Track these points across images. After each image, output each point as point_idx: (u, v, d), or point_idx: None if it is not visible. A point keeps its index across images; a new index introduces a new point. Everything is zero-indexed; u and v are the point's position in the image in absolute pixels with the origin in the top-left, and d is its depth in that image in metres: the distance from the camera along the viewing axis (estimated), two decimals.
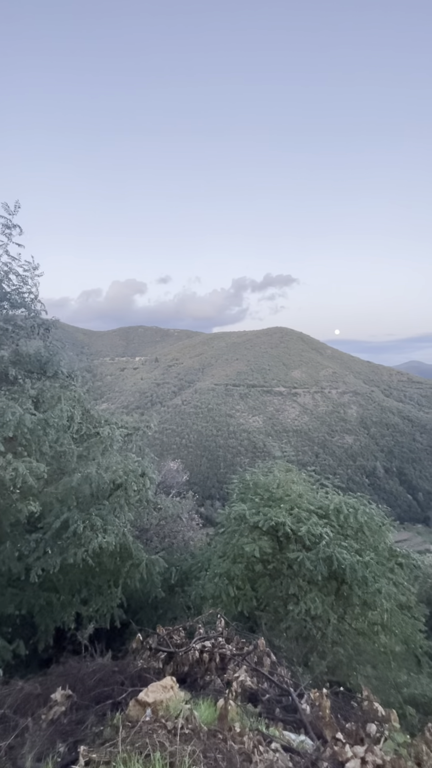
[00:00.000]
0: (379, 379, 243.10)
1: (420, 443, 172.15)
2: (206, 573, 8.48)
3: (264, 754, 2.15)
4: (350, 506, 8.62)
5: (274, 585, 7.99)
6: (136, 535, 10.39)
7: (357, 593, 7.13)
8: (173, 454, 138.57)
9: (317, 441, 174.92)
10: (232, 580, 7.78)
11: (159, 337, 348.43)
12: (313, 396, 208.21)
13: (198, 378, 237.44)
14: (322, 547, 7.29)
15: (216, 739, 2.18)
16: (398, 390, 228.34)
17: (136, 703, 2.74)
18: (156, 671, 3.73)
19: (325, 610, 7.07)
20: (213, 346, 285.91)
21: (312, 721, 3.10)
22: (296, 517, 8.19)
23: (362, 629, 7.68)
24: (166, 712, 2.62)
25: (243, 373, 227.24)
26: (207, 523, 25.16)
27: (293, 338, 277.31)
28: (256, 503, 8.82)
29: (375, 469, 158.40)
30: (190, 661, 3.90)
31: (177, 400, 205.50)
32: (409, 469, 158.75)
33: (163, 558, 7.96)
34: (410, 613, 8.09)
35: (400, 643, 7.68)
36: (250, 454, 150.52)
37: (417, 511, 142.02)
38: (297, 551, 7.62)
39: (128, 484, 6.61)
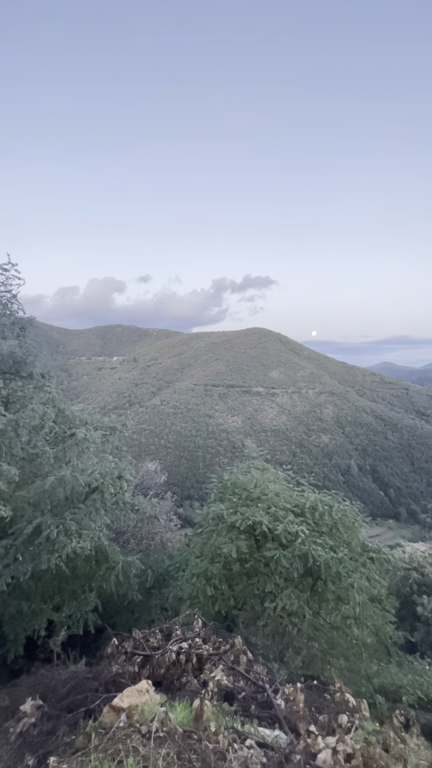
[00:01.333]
0: (354, 379, 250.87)
1: (391, 442, 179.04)
2: (184, 574, 8.44)
3: (239, 751, 2.17)
4: (325, 504, 8.84)
5: (251, 583, 8.07)
6: (112, 538, 10.19)
7: (331, 588, 7.32)
8: (152, 455, 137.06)
9: (295, 440, 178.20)
10: (210, 580, 7.79)
11: (137, 337, 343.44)
12: (290, 396, 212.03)
13: (177, 378, 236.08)
14: (298, 545, 7.43)
15: (191, 740, 2.18)
16: (371, 390, 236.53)
17: (111, 709, 2.69)
18: (132, 675, 3.68)
19: (301, 606, 7.22)
20: (192, 346, 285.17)
21: (286, 715, 3.16)
22: (273, 515, 8.31)
23: (336, 623, 7.89)
24: (141, 716, 2.59)
25: (222, 374, 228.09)
26: (185, 523, 25.08)
27: (272, 339, 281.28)
28: (234, 503, 8.88)
29: (350, 467, 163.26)
30: (167, 663, 3.87)
31: (156, 401, 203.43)
32: (381, 467, 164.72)
33: (140, 560, 7.85)
34: (381, 606, 8.39)
35: (372, 635, 7.95)
36: (229, 454, 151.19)
37: (388, 507, 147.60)
38: (274, 549, 7.73)
39: (105, 487, 6.47)
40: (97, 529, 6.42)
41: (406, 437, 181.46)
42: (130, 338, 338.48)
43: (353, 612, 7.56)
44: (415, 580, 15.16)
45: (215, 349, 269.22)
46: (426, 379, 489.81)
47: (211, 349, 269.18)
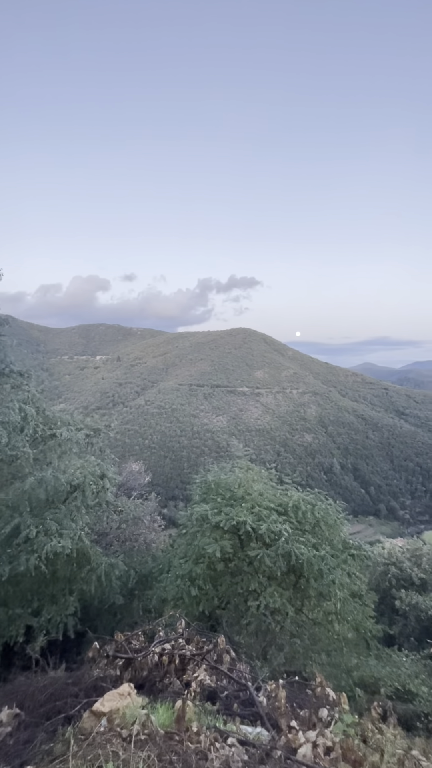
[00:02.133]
0: (336, 379, 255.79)
1: (372, 440, 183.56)
2: (167, 575, 8.39)
3: (220, 750, 2.17)
4: (308, 503, 8.97)
5: (234, 582, 8.10)
6: (94, 539, 10.01)
7: (313, 585, 7.44)
8: (136, 455, 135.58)
9: (279, 440, 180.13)
10: (194, 581, 7.77)
11: (121, 336, 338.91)
12: (275, 396, 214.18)
13: (162, 378, 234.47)
14: (281, 544, 7.51)
15: (172, 742, 2.17)
16: (353, 390, 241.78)
17: (91, 714, 2.65)
18: (113, 679, 3.63)
19: (284, 603, 7.30)
20: (177, 345, 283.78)
21: (268, 712, 3.19)
22: (257, 515, 8.37)
23: (318, 619, 8.03)
24: (123, 720, 2.56)
25: (207, 373, 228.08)
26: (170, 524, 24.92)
27: (256, 339, 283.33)
28: (218, 503, 8.89)
29: (332, 465, 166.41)
30: (149, 665, 3.84)
31: (140, 401, 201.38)
32: (362, 465, 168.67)
33: (123, 562, 7.76)
34: (361, 601, 8.59)
35: (352, 630, 8.13)
36: (214, 454, 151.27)
37: (369, 504, 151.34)
38: (257, 549, 7.79)
39: (86, 487, 6.35)
40: (79, 528, 6.30)
41: (386, 436, 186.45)
42: (114, 337, 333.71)
43: (335, 608, 7.70)
44: (394, 575, 15.59)
45: (200, 348, 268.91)
46: (405, 379, 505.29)
47: (196, 349, 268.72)
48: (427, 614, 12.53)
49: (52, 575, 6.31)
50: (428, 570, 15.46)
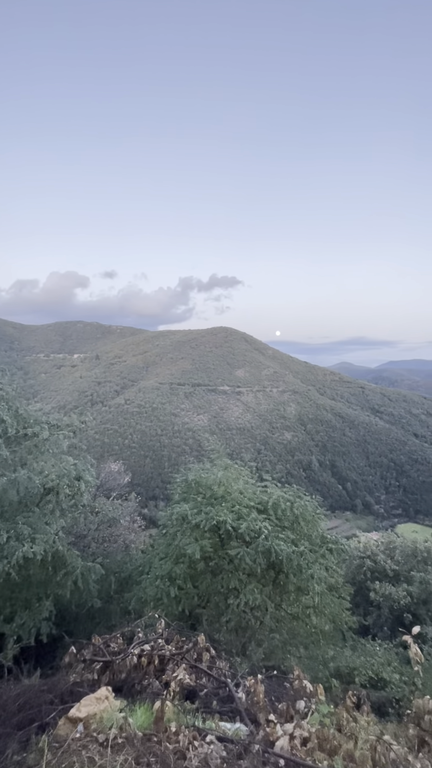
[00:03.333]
0: (315, 378, 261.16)
1: (349, 438, 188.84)
2: (147, 576, 8.31)
3: (199, 748, 2.18)
4: (287, 500, 9.11)
5: (215, 581, 8.13)
6: (71, 542, 9.77)
7: (292, 581, 7.57)
8: (115, 455, 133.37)
9: (259, 438, 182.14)
10: (174, 581, 7.74)
11: (100, 334, 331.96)
12: (255, 395, 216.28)
13: (142, 376, 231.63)
14: (261, 541, 7.60)
15: (151, 743, 2.15)
16: (331, 389, 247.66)
17: (66, 721, 2.58)
18: (90, 683, 3.56)
19: (264, 600, 7.39)
20: (158, 344, 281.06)
21: (247, 707, 3.23)
22: (237, 513, 8.42)
23: (296, 614, 8.18)
24: (100, 725, 2.52)
25: (188, 372, 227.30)
26: (150, 524, 24.67)
27: (237, 338, 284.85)
28: (198, 502, 8.88)
29: (311, 462, 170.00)
30: (128, 667, 3.79)
31: (119, 400, 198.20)
32: (339, 462, 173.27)
33: (102, 564, 7.61)
34: (338, 594, 8.82)
35: (329, 622, 8.34)
36: (195, 453, 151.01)
37: (346, 499, 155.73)
38: (237, 547, 7.84)
39: (61, 489, 6.17)
40: (53, 532, 6.11)
41: (362, 433, 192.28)
42: (93, 335, 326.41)
43: (313, 602, 7.87)
44: (369, 568, 16.13)
45: (181, 347, 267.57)
46: (380, 378, 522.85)
47: (177, 348, 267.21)
48: (400, 604, 13.05)
49: (25, 580, 6.09)
50: (401, 562, 16.09)
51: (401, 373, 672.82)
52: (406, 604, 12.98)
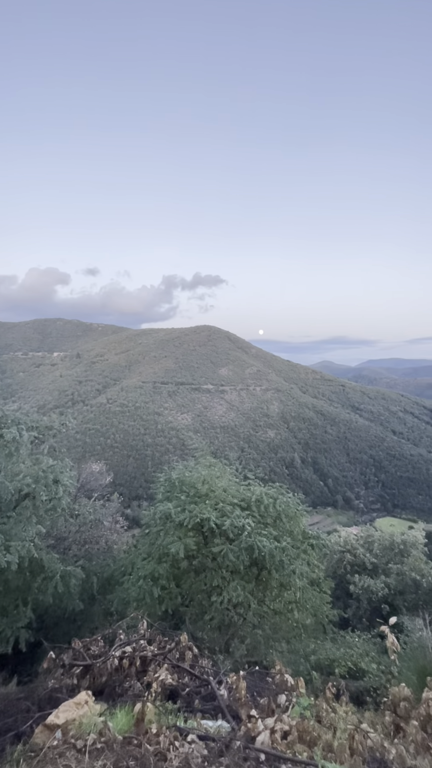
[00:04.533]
0: (297, 377, 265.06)
1: (330, 435, 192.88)
2: (130, 577, 8.22)
3: (180, 748, 2.17)
4: (270, 497, 9.21)
5: (198, 579, 8.13)
6: (51, 545, 9.54)
7: (275, 576, 7.66)
8: (97, 455, 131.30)
9: (243, 436, 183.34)
10: (157, 581, 7.68)
11: (81, 332, 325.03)
12: (239, 393, 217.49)
13: (124, 375, 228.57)
14: (245, 538, 7.64)
15: (131, 746, 2.13)
16: (313, 387, 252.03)
17: (44, 728, 2.52)
18: (70, 688, 3.48)
19: (246, 596, 7.45)
20: (140, 342, 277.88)
21: (229, 704, 3.25)
22: (221, 511, 8.44)
23: (279, 609, 8.29)
24: (79, 730, 2.47)
25: (171, 371, 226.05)
26: (134, 524, 24.41)
27: (221, 337, 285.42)
28: (181, 501, 8.85)
29: (293, 460, 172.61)
30: (109, 670, 3.73)
31: (101, 399, 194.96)
32: (321, 459, 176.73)
33: (83, 566, 7.46)
34: (319, 588, 9.01)
35: (311, 616, 8.51)
36: (178, 452, 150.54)
37: (327, 495, 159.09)
38: (221, 545, 7.86)
39: (37, 493, 5.99)
40: (29, 539, 5.93)
41: (342, 430, 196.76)
42: (73, 333, 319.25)
43: (294, 597, 8.00)
44: (349, 561, 16.55)
45: (164, 346, 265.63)
46: (360, 376, 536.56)
47: (160, 346, 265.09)
48: (378, 596, 13.46)
49: (2, 586, 5.90)
50: (379, 555, 16.58)
51: (380, 371, 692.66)
52: (383, 595, 13.40)
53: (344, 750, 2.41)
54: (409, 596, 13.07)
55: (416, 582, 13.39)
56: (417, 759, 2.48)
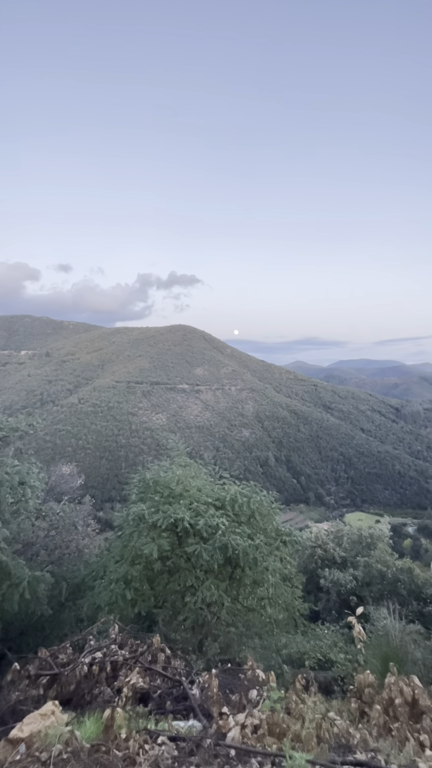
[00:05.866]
0: (271, 376, 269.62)
1: (303, 433, 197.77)
2: (101, 581, 8.03)
3: (150, 751, 2.15)
4: (244, 495, 9.31)
5: (172, 580, 8.08)
6: (18, 551, 9.14)
7: (248, 574, 7.75)
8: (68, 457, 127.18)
9: (218, 435, 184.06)
10: (129, 583, 7.56)
11: (51, 329, 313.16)
12: (214, 393, 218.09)
13: (97, 375, 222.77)
14: (219, 537, 7.68)
15: (99, 754, 2.08)
16: (287, 387, 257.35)
17: (6, 743, 2.41)
18: (36, 699, 3.35)
19: (220, 595, 7.49)
20: (114, 341, 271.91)
21: (201, 703, 3.26)
22: (195, 511, 8.43)
23: (252, 606, 8.40)
24: (44, 742, 2.38)
25: (146, 370, 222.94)
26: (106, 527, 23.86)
27: (196, 336, 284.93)
28: (156, 501, 8.76)
29: (267, 458, 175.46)
30: (78, 677, 3.63)
31: (73, 399, 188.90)
32: (294, 457, 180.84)
33: (52, 572, 7.20)
34: (291, 583, 9.20)
35: (283, 611, 8.68)
36: (153, 452, 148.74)
37: (300, 492, 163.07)
38: (195, 544, 7.86)
39: (2, 496, 5.72)
40: None
41: (315, 429, 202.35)
42: (42, 331, 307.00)
43: (267, 593, 8.14)
44: (320, 556, 17.07)
45: (138, 345, 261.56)
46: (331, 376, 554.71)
47: (134, 345, 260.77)
48: (346, 588, 13.97)
49: None
50: (348, 549, 17.22)
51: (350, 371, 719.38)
52: (351, 587, 13.94)
53: (311, 739, 2.49)
54: (375, 587, 13.67)
55: (382, 573, 14.03)
56: (379, 741, 2.60)
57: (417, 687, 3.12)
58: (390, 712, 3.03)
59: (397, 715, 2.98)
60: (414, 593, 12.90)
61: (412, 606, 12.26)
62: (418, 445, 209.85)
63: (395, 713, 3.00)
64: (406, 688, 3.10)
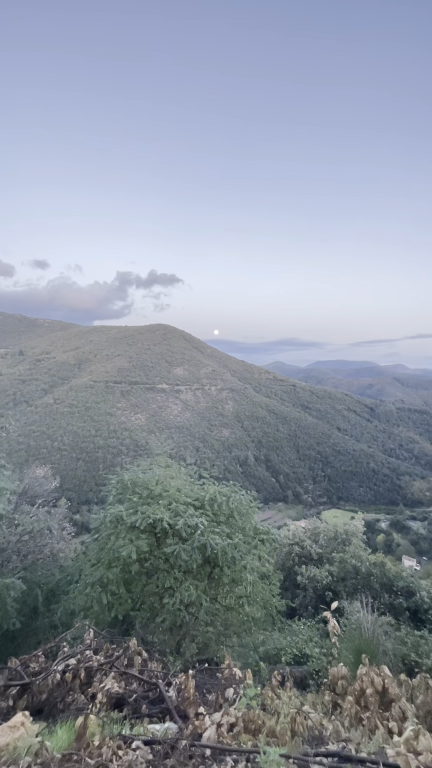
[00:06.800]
0: (251, 377, 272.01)
1: (282, 433, 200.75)
2: (76, 585, 7.83)
3: (124, 757, 2.12)
4: (223, 495, 9.34)
5: (150, 582, 7.99)
6: None
7: (227, 573, 7.78)
8: (43, 459, 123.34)
9: (198, 435, 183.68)
10: (106, 587, 7.41)
11: (24, 327, 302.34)
12: (194, 393, 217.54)
13: (74, 374, 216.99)
14: (197, 537, 7.67)
15: (70, 763, 2.03)
16: (266, 387, 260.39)
17: None
18: (5, 711, 3.22)
19: (199, 595, 7.47)
20: (91, 340, 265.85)
21: (178, 705, 3.23)
22: (174, 511, 8.38)
23: (230, 605, 8.44)
24: (12, 755, 2.29)
25: (125, 370, 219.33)
26: (83, 530, 23.27)
27: (176, 336, 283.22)
28: (134, 503, 8.63)
29: (247, 458, 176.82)
30: (50, 686, 3.52)
31: (48, 399, 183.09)
32: (273, 456, 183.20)
33: (24, 578, 6.95)
34: (269, 581, 9.32)
35: (261, 609, 8.78)
36: (132, 453, 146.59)
37: (279, 491, 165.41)
38: (174, 545, 7.81)
39: None
40: None
41: (293, 428, 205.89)
42: (15, 328, 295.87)
43: (245, 591, 8.21)
44: (297, 553, 17.37)
45: (117, 344, 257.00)
46: (309, 377, 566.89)
47: (113, 344, 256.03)
48: (322, 584, 14.29)
49: None
50: (324, 545, 17.63)
51: (327, 372, 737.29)
52: (327, 583, 14.27)
53: (286, 733, 2.53)
54: (350, 582, 14.07)
55: (356, 568, 14.45)
56: (351, 731, 2.68)
57: (387, 676, 3.24)
58: (361, 702, 3.12)
59: (368, 704, 3.08)
60: (386, 586, 13.38)
61: (383, 599, 12.72)
62: (391, 443, 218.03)
63: (366, 703, 3.10)
64: (376, 678, 3.21)
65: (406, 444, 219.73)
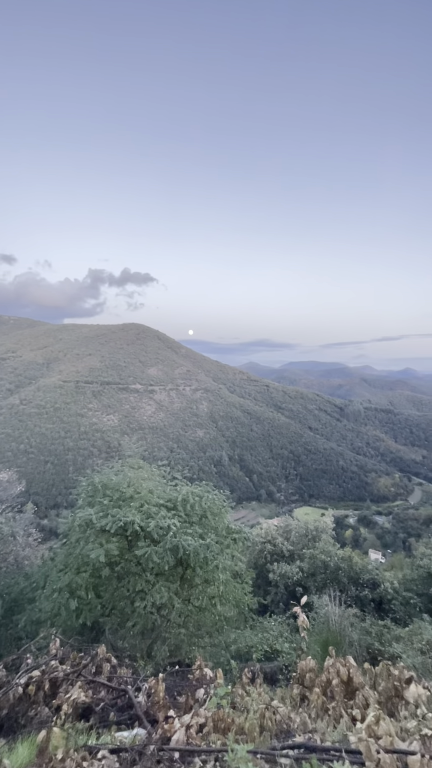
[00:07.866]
0: (225, 377, 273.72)
1: (255, 432, 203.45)
2: (42, 591, 7.52)
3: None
4: (196, 495, 9.31)
5: (120, 586, 7.82)
6: None
7: (199, 574, 7.76)
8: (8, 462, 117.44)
9: (172, 436, 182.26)
10: (74, 592, 7.17)
11: None
12: (168, 393, 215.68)
13: (42, 374, 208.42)
14: (169, 538, 7.59)
15: None
16: (240, 387, 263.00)
17: None
18: None
19: (171, 597, 7.40)
20: (61, 338, 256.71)
21: (147, 710, 3.18)
22: (146, 513, 8.25)
23: (203, 605, 8.43)
24: None
25: (96, 370, 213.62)
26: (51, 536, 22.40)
27: (150, 336, 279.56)
28: (104, 505, 8.41)
29: (221, 458, 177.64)
30: (11, 701, 3.35)
31: (13, 399, 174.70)
32: (247, 456, 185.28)
33: None
34: (241, 579, 9.40)
35: (233, 608, 8.84)
36: (104, 455, 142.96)
37: (252, 490, 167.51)
38: (145, 547, 7.69)
39: None
40: None
41: (266, 428, 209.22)
42: None
43: (218, 591, 8.22)
44: (269, 551, 17.67)
45: (89, 343, 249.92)
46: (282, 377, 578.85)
47: (84, 343, 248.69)
48: (293, 580, 14.63)
49: None
50: (295, 542, 18.05)
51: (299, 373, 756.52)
52: (298, 578, 14.63)
53: (254, 729, 2.55)
54: (319, 576, 14.49)
55: (325, 563, 14.91)
56: (317, 722, 2.75)
57: (352, 666, 3.36)
58: (328, 692, 3.22)
59: (334, 694, 3.18)
60: (353, 579, 13.90)
61: (350, 591, 13.21)
62: (359, 441, 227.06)
63: (332, 693, 3.20)
64: (342, 668, 3.31)
65: (372, 442, 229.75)
